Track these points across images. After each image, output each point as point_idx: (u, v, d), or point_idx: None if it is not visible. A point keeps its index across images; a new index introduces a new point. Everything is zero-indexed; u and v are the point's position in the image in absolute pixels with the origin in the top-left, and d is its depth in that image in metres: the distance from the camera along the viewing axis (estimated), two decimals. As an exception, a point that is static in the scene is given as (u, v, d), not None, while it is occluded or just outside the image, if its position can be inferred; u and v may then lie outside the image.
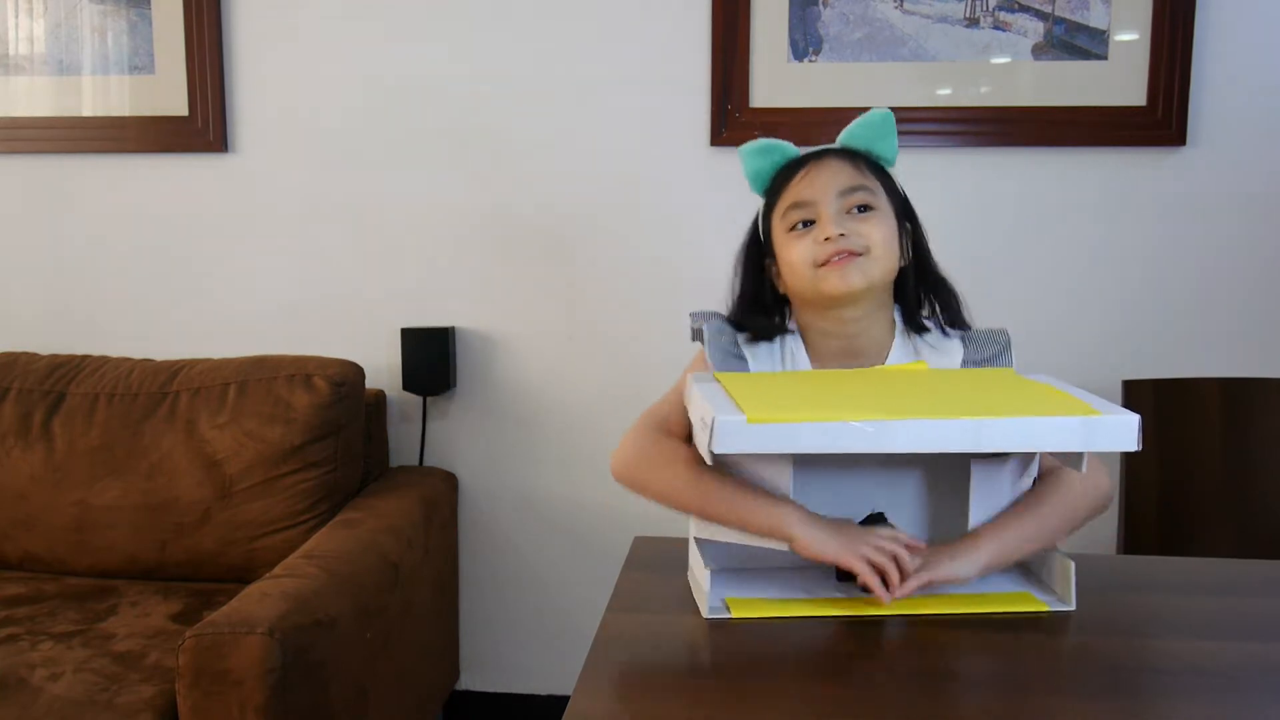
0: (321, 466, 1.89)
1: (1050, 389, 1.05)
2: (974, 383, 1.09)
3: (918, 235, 1.22)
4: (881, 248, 1.14)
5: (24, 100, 2.17)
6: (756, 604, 1.06)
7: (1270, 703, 0.88)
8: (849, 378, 1.12)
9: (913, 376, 1.11)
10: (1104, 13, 1.94)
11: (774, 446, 0.96)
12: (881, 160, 1.21)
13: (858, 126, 1.21)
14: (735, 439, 0.95)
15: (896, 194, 1.21)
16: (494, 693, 2.24)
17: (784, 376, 1.15)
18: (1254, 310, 2.00)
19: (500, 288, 2.13)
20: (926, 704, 0.88)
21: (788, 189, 1.19)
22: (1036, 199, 2.01)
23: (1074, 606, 1.04)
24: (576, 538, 2.17)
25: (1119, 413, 0.96)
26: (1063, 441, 0.96)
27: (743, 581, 1.11)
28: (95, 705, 1.45)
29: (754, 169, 1.23)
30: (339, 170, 2.13)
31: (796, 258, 1.16)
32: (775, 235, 1.20)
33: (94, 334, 2.21)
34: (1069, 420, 0.95)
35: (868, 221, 1.15)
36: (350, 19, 2.10)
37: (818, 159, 1.20)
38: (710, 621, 1.03)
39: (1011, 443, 0.97)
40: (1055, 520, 1.09)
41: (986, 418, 0.95)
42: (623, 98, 2.06)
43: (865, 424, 0.94)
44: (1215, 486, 1.86)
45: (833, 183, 1.16)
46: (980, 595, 1.07)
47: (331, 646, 1.51)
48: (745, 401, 0.98)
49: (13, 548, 1.95)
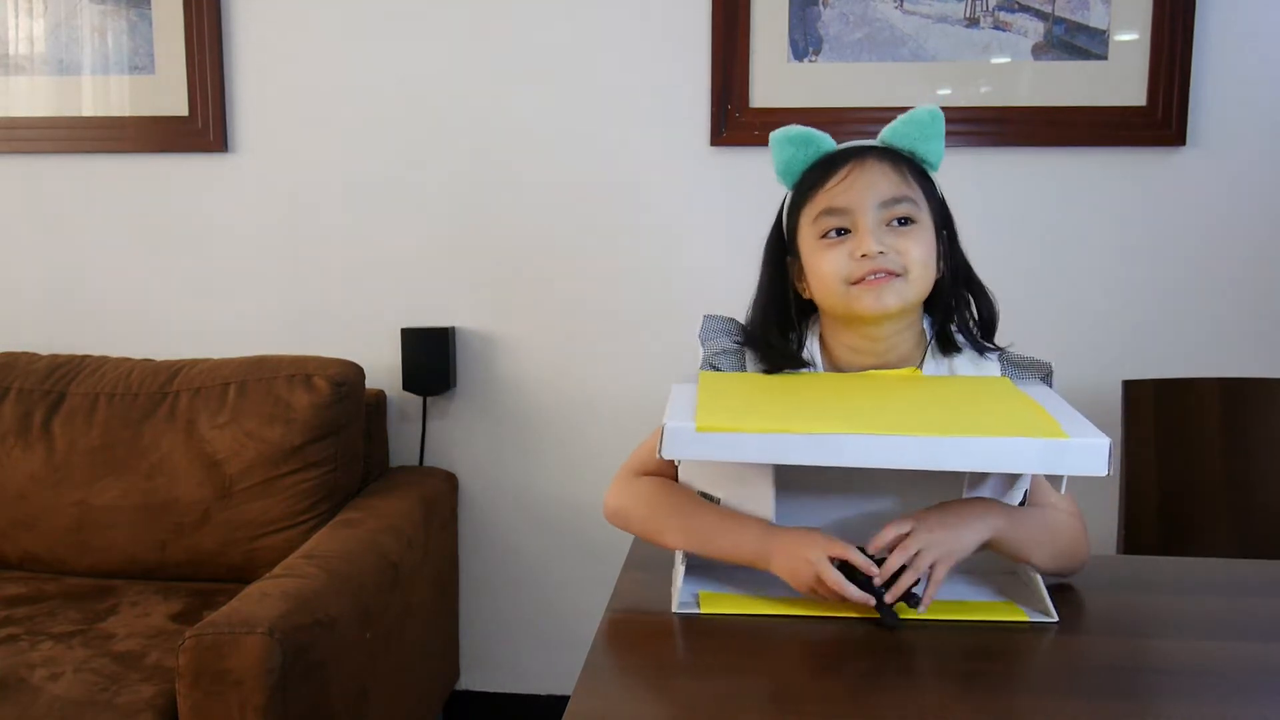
0: (321, 466, 1.89)
1: (1031, 405, 1.01)
2: (956, 395, 1.06)
3: (954, 242, 1.15)
4: (920, 268, 1.07)
5: (24, 100, 2.17)
6: (729, 600, 1.05)
7: (1270, 703, 0.88)
8: (836, 385, 1.09)
9: (903, 385, 1.08)
10: (1104, 13, 1.94)
11: (722, 455, 0.96)
12: (924, 163, 1.12)
13: (903, 124, 1.11)
14: (683, 445, 0.95)
15: (936, 200, 1.12)
16: (494, 693, 2.24)
17: (765, 380, 1.12)
18: (1254, 310, 2.00)
19: (500, 288, 2.13)
20: (929, 703, 0.88)
21: (823, 191, 1.10)
22: (1036, 199, 2.01)
23: (1055, 618, 1.02)
24: (576, 538, 2.17)
25: (1090, 436, 0.92)
26: (1025, 464, 0.94)
27: (722, 576, 1.10)
28: (95, 705, 1.45)
29: (786, 159, 1.14)
30: (339, 170, 2.13)
31: (829, 271, 1.08)
32: (803, 238, 1.12)
33: (94, 334, 2.21)
34: (1033, 442, 0.92)
35: (908, 237, 1.07)
36: (350, 19, 2.10)
37: (859, 160, 1.09)
38: (710, 622, 1.02)
39: (970, 462, 0.95)
40: (1043, 531, 1.06)
41: (944, 435, 0.92)
42: (623, 97, 2.06)
43: (811, 436, 0.92)
44: (1215, 486, 1.85)
45: (873, 191, 1.07)
46: (961, 603, 1.05)
47: (331, 646, 1.51)
48: (706, 408, 0.98)
49: (13, 548, 1.95)
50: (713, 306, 1.24)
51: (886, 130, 1.13)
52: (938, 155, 1.13)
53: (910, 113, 1.12)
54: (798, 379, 1.12)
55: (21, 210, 2.22)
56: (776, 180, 1.18)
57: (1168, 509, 1.85)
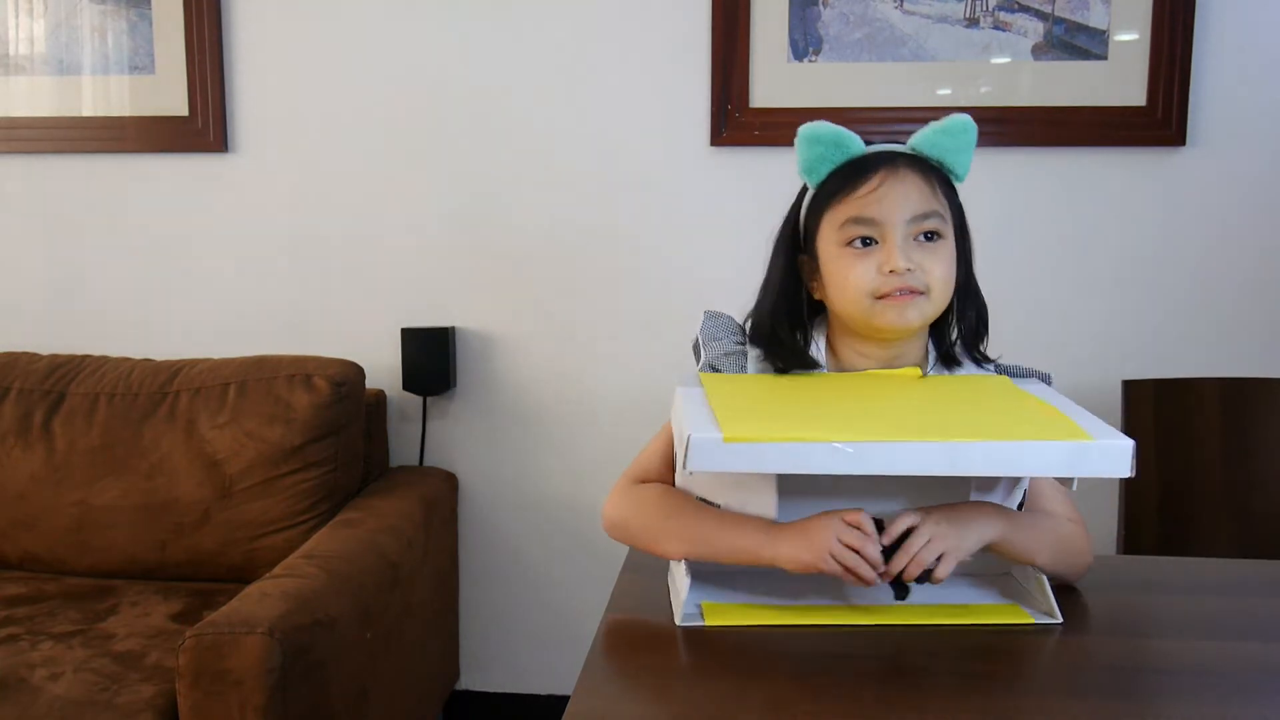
0: (321, 466, 1.89)
1: (1044, 406, 1.00)
2: (965, 395, 1.05)
3: (967, 254, 1.13)
4: (941, 286, 1.07)
5: (24, 100, 2.17)
6: (733, 610, 1.03)
7: (1270, 703, 0.88)
8: (843, 387, 1.08)
9: (903, 385, 1.07)
10: (1104, 13, 1.94)
11: (749, 466, 0.93)
12: (952, 175, 1.11)
13: (935, 133, 1.10)
14: (709, 457, 0.92)
15: (958, 211, 1.11)
16: (494, 693, 2.24)
17: (770, 382, 1.10)
18: (1254, 310, 2.00)
19: (500, 288, 2.13)
20: (927, 701, 0.88)
21: (853, 197, 1.07)
22: (1036, 199, 2.01)
23: (1060, 619, 1.01)
24: (576, 538, 2.17)
25: (1113, 437, 0.91)
26: (1049, 467, 0.93)
27: (724, 585, 1.07)
28: (95, 705, 1.45)
29: (813, 156, 1.10)
30: (339, 170, 2.13)
31: (853, 282, 1.06)
32: (824, 241, 1.10)
33: (94, 334, 2.21)
34: (1057, 445, 0.91)
35: (934, 254, 1.06)
36: (350, 20, 2.10)
37: (891, 168, 1.07)
38: (710, 624, 1.01)
39: (994, 467, 0.94)
40: (1047, 535, 1.06)
41: (969, 440, 0.91)
42: (623, 97, 2.06)
43: (844, 445, 0.90)
44: (1215, 486, 1.85)
45: (905, 204, 1.06)
46: (966, 607, 1.04)
47: (331, 646, 1.51)
48: (725, 415, 0.95)
49: (13, 548, 1.95)
50: (712, 305, 1.23)
51: (918, 137, 1.11)
52: (965, 167, 1.11)
53: (945, 122, 1.10)
54: (801, 380, 1.10)
55: (21, 210, 2.22)
56: (799, 175, 1.14)
57: (1168, 509, 1.85)
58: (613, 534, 1.13)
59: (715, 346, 1.15)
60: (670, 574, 1.11)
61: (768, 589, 1.06)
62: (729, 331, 1.17)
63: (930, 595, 1.04)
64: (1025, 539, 1.04)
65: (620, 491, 1.14)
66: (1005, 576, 1.11)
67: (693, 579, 1.04)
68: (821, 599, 1.05)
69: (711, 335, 1.16)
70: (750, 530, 1.02)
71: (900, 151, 1.10)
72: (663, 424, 1.14)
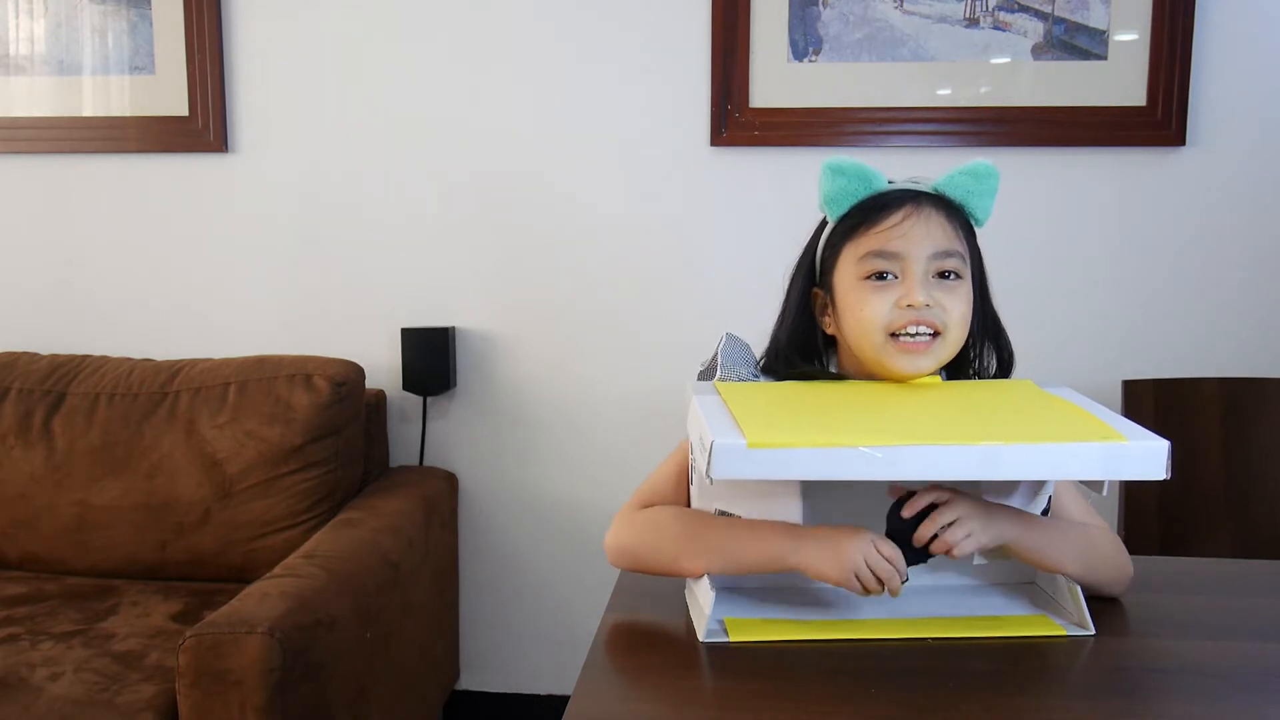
0: (321, 466, 1.89)
1: (1072, 407, 0.98)
2: (990, 399, 1.03)
3: (986, 297, 1.14)
4: (958, 328, 1.06)
5: (24, 100, 2.17)
6: (756, 625, 1.00)
7: (1270, 703, 0.88)
8: (859, 392, 1.06)
9: (926, 391, 1.05)
10: (1104, 13, 1.94)
11: (775, 473, 0.89)
12: (972, 218, 1.11)
13: (961, 175, 1.10)
14: (733, 464, 0.88)
15: (977, 255, 1.12)
16: (494, 693, 2.24)
17: (790, 389, 1.08)
18: (1254, 310, 2.00)
19: (500, 288, 2.13)
20: (925, 700, 0.88)
21: (875, 230, 1.07)
22: (1036, 199, 2.01)
23: (1093, 631, 0.99)
24: (576, 538, 2.17)
25: (1147, 438, 0.90)
26: (1085, 470, 0.90)
27: (746, 599, 1.03)
28: (95, 705, 1.45)
29: (836, 189, 1.10)
30: (339, 170, 2.13)
31: (870, 316, 1.05)
32: (841, 274, 1.09)
33: (94, 334, 2.21)
34: (1093, 446, 0.89)
35: (953, 293, 1.06)
36: (349, 19, 2.10)
37: (915, 205, 1.07)
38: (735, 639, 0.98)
39: (1030, 470, 0.92)
40: (1077, 541, 1.04)
41: (1002, 443, 0.89)
42: (623, 97, 2.06)
43: (874, 449, 0.88)
44: (1215, 486, 1.86)
45: (928, 241, 1.05)
46: (995, 619, 1.02)
47: (331, 646, 1.51)
48: (747, 421, 0.92)
49: (13, 548, 1.95)
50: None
51: (943, 179, 1.11)
52: (987, 212, 1.12)
53: (970, 165, 1.10)
54: (822, 387, 1.08)
55: (21, 210, 2.22)
56: (819, 208, 1.14)
57: (1168, 509, 1.85)
58: (620, 563, 1.09)
59: (730, 372, 1.13)
60: (689, 590, 1.07)
61: (791, 602, 1.03)
62: (745, 361, 1.15)
63: (961, 608, 1.02)
64: (1047, 542, 1.02)
65: (623, 520, 1.10)
66: (1032, 585, 1.09)
67: (717, 593, 1.00)
68: (846, 613, 1.02)
69: (730, 359, 1.14)
70: (774, 536, 1.00)
71: (924, 191, 1.10)
72: (660, 429, 1.13)
